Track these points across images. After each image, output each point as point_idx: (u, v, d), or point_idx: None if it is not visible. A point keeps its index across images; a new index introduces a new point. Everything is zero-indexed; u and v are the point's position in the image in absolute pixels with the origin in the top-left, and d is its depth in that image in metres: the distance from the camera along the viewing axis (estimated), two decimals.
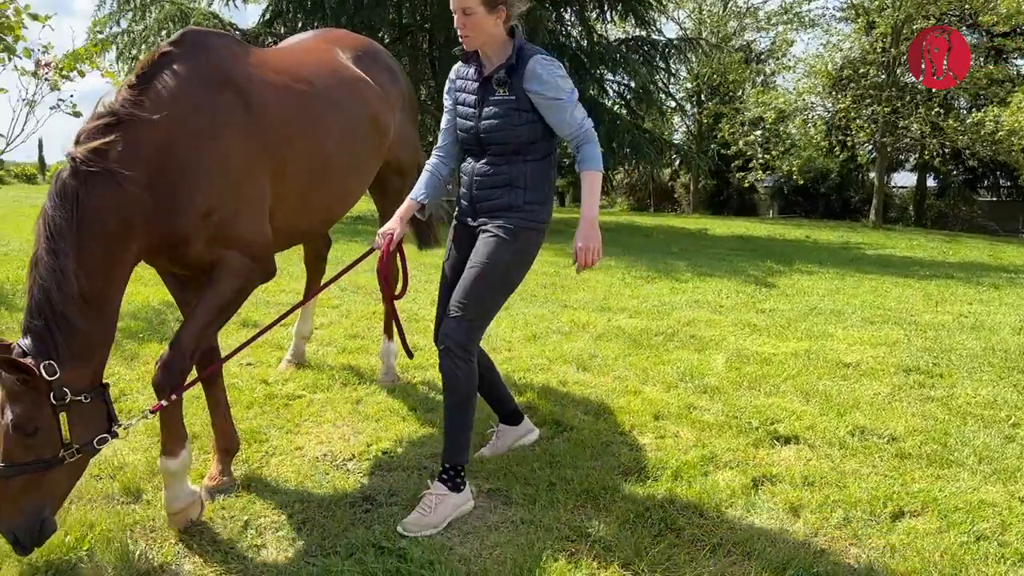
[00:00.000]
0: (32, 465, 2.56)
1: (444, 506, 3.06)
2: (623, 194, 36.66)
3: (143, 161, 2.74)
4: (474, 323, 3.07)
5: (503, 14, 2.95)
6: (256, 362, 5.19)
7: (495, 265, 3.02)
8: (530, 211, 3.08)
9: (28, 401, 2.55)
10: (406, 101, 4.32)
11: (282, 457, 3.74)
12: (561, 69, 3.00)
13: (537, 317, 6.79)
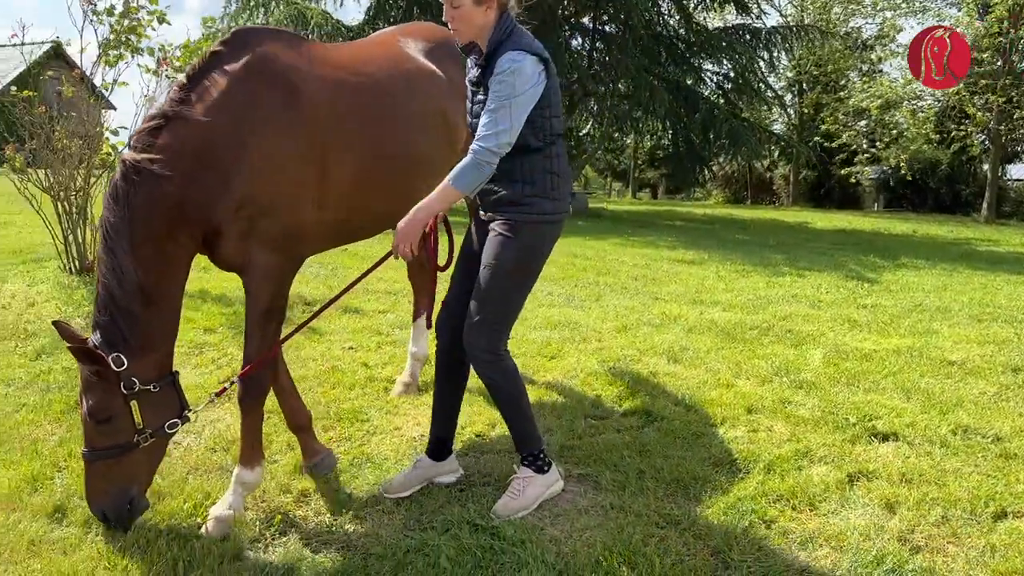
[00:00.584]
0: (111, 450, 2.81)
1: (533, 487, 3.12)
2: (719, 186, 36.00)
3: (187, 157, 2.87)
4: (494, 325, 3.02)
5: (493, 5, 2.85)
6: (357, 346, 5.41)
7: (503, 265, 2.96)
8: (531, 204, 2.96)
9: (100, 391, 2.79)
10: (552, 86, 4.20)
11: (382, 436, 3.91)
12: (515, 67, 2.78)
13: (628, 309, 6.81)
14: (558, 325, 6.07)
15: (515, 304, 3.08)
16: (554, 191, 2.99)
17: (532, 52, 2.83)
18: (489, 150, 2.79)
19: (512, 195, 2.95)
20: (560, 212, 3.04)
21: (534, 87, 2.82)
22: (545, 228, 3.01)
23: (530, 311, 6.54)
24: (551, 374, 4.87)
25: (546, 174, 2.97)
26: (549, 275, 8.35)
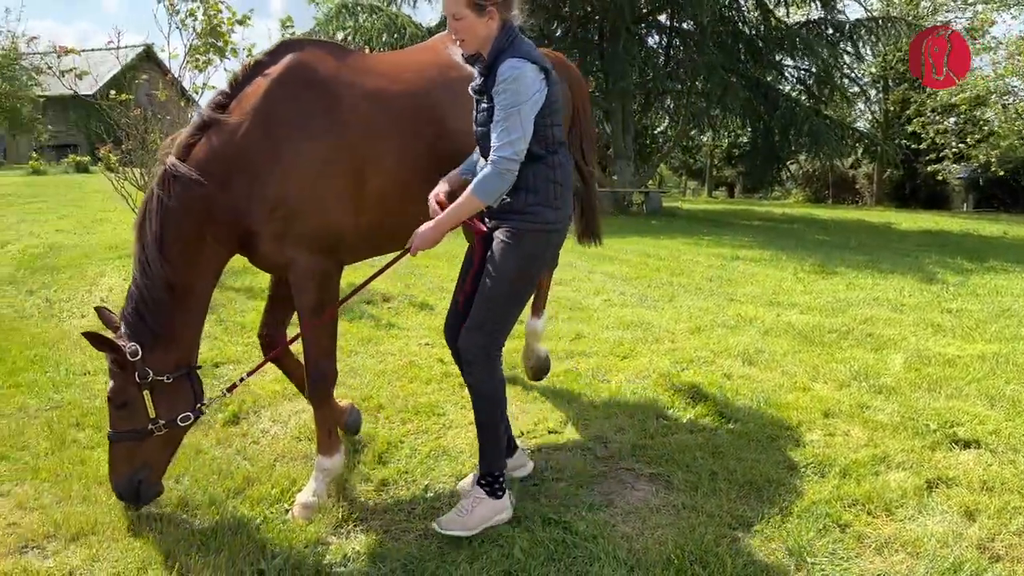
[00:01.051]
0: (127, 434, 3.04)
1: (482, 509, 2.99)
2: (799, 185, 35.19)
3: (222, 162, 3.05)
4: (489, 332, 2.96)
5: (494, 15, 2.83)
6: (432, 343, 5.54)
7: (504, 273, 2.92)
8: (533, 213, 2.91)
9: (119, 378, 3.02)
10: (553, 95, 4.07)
11: (458, 430, 4.01)
12: (516, 73, 2.76)
13: (702, 310, 6.77)
14: (631, 325, 6.09)
15: (514, 310, 3.02)
16: (556, 200, 2.95)
17: (532, 60, 2.81)
18: (507, 159, 2.78)
19: (515, 204, 2.92)
20: (562, 221, 3.00)
21: (538, 92, 2.81)
22: (548, 236, 2.97)
23: (602, 310, 6.58)
24: (623, 373, 4.91)
25: (549, 183, 2.93)
26: (621, 274, 8.36)
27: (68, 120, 31.63)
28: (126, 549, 2.90)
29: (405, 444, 3.83)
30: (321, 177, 3.14)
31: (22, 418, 4.18)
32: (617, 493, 3.36)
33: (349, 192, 3.20)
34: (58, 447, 3.78)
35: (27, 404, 4.37)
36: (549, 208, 2.93)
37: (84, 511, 3.13)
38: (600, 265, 8.97)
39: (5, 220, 11.71)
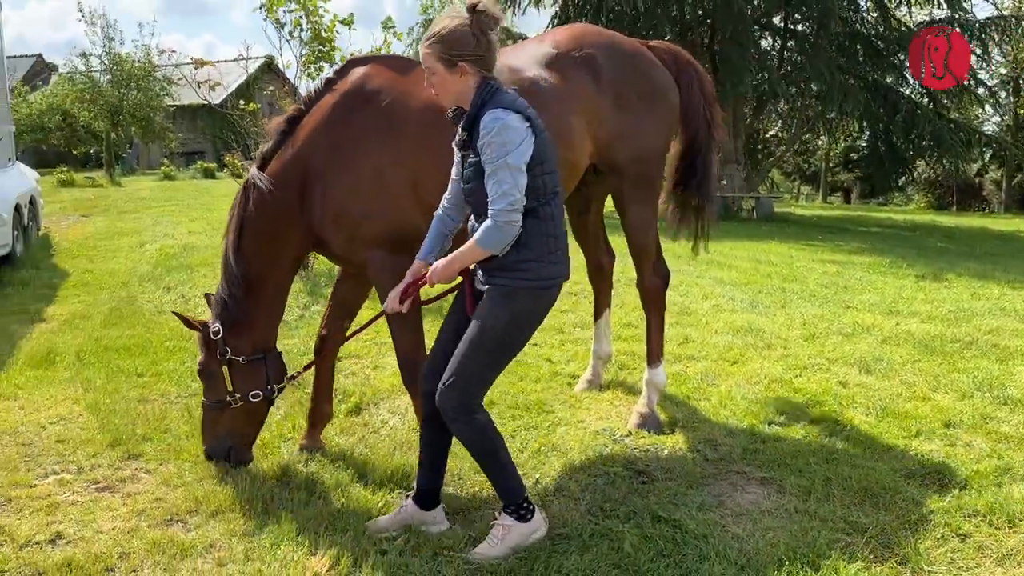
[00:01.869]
0: (213, 404, 3.49)
1: (512, 536, 2.90)
2: (920, 190, 33.63)
3: (294, 172, 3.38)
4: (469, 386, 2.83)
5: (467, 69, 2.74)
6: (540, 343, 5.65)
7: (490, 329, 2.78)
8: (525, 270, 2.76)
9: (204, 353, 3.51)
10: (628, 97, 3.89)
11: (566, 428, 4.10)
12: (499, 125, 2.65)
13: (816, 316, 6.62)
14: (740, 330, 6.03)
15: (497, 367, 2.91)
16: (551, 255, 2.80)
17: (515, 110, 2.71)
18: (504, 211, 2.66)
19: (506, 260, 2.76)
20: (558, 277, 2.84)
21: (524, 142, 2.69)
22: (540, 295, 2.82)
23: (712, 316, 6.54)
24: (733, 379, 4.88)
25: (542, 237, 2.78)
26: (731, 280, 8.26)
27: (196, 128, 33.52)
28: (260, 525, 3.11)
29: (516, 439, 3.94)
30: (379, 188, 3.37)
31: (164, 403, 4.53)
32: (727, 495, 3.37)
33: (409, 198, 3.40)
34: (197, 431, 4.06)
35: (168, 391, 4.73)
36: (543, 264, 2.78)
37: (222, 490, 3.38)
38: (709, 270, 8.89)
39: (142, 222, 12.57)
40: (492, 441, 2.90)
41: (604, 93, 3.82)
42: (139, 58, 27.29)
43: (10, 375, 5.05)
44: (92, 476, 3.61)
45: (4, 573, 2.80)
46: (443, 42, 2.71)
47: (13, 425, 4.19)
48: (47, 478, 3.58)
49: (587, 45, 3.86)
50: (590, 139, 3.81)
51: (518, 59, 3.76)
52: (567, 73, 3.76)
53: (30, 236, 9.61)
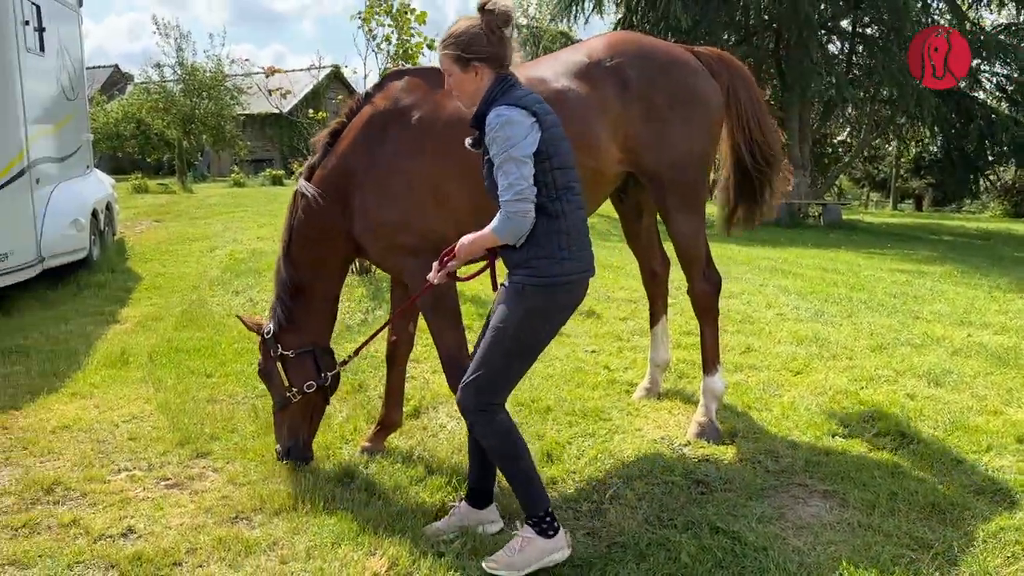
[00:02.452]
0: (279, 404, 3.68)
1: (531, 550, 2.81)
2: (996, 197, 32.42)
3: (336, 182, 3.55)
4: (487, 386, 2.82)
5: (482, 70, 2.79)
6: (599, 350, 5.64)
7: (505, 329, 2.78)
8: (535, 267, 2.75)
9: (263, 353, 3.71)
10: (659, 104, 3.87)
11: (623, 435, 4.08)
12: (501, 120, 2.68)
13: (884, 327, 6.46)
14: (805, 340, 5.92)
15: (515, 369, 2.87)
16: (562, 251, 2.76)
17: (520, 105, 2.72)
18: (512, 203, 2.67)
19: (518, 257, 2.78)
20: (572, 274, 2.79)
21: (529, 135, 2.70)
22: (554, 292, 2.77)
23: (775, 325, 6.43)
24: (796, 389, 4.79)
25: (553, 234, 2.75)
26: (796, 288, 8.11)
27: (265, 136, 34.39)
28: (322, 525, 3.18)
29: (572, 445, 3.95)
30: (410, 198, 3.51)
31: (232, 404, 4.66)
32: (788, 507, 3.32)
33: (439, 207, 3.53)
34: (263, 431, 4.18)
35: (236, 392, 4.87)
36: (553, 261, 2.75)
37: (286, 489, 3.47)
38: (773, 278, 8.74)
39: (212, 228, 12.94)
40: (514, 446, 2.85)
41: (632, 101, 3.82)
42: (210, 68, 28.09)
43: (86, 374, 5.25)
44: (162, 473, 3.74)
45: (80, 564, 2.92)
46: (456, 43, 2.79)
47: (88, 423, 4.36)
48: (120, 474, 3.72)
49: (618, 54, 3.88)
50: (617, 147, 3.83)
51: (549, 69, 3.85)
52: (595, 82, 3.80)
53: (106, 240, 9.98)
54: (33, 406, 4.64)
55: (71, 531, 3.16)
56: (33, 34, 7.76)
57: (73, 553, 2.97)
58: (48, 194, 7.86)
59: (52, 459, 3.89)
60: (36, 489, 3.51)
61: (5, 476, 3.69)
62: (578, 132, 3.67)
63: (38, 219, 7.50)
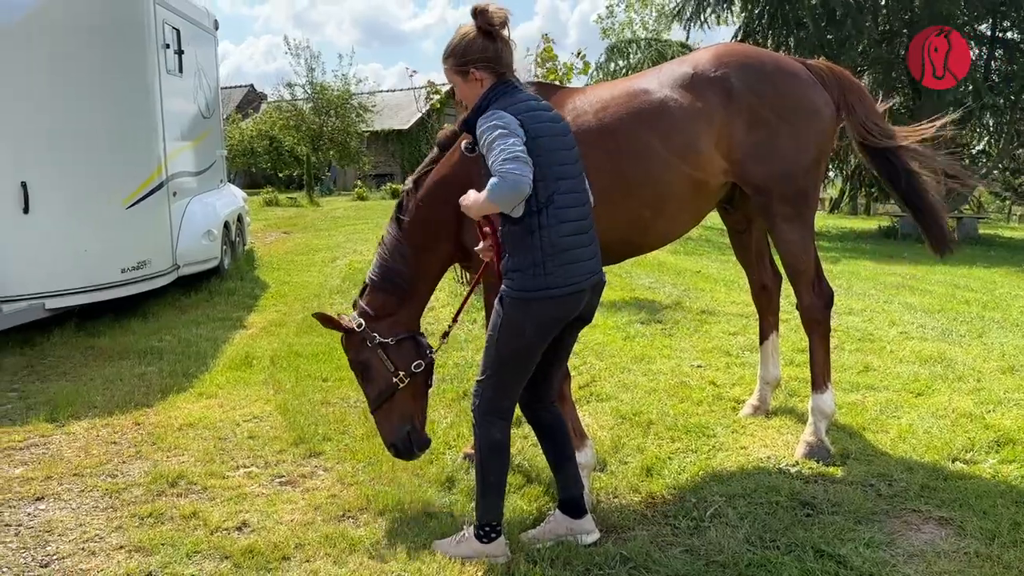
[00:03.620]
0: (382, 394, 3.53)
1: (465, 545, 3.02)
2: None
3: (443, 189, 3.51)
4: (488, 392, 2.91)
5: (480, 75, 2.81)
6: (705, 365, 5.54)
7: (492, 336, 2.86)
8: (512, 279, 2.76)
9: (352, 350, 3.59)
10: (764, 115, 3.81)
11: (727, 453, 4.00)
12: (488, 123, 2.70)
13: (1017, 348, 6.05)
14: (929, 360, 5.62)
15: (507, 378, 2.89)
16: (536, 267, 2.72)
17: (506, 110, 2.72)
18: (500, 162, 2.62)
19: (503, 265, 2.83)
20: (548, 288, 2.73)
21: (515, 128, 2.68)
22: (527, 305, 2.76)
23: (898, 343, 6.14)
24: (916, 411, 4.56)
25: (529, 249, 2.72)
26: (923, 306, 7.71)
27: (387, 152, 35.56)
28: (423, 527, 3.27)
29: (673, 461, 3.90)
30: None
31: (344, 407, 4.85)
32: (900, 533, 3.16)
33: None
34: (372, 434, 4.31)
35: (348, 395, 5.06)
36: (526, 275, 2.73)
37: (391, 491, 3.59)
38: (899, 295, 8.35)
39: (335, 239, 13.48)
40: (495, 462, 2.96)
41: (736, 112, 3.77)
42: (338, 87, 29.33)
43: (213, 375, 5.59)
44: (277, 471, 3.93)
45: (197, 554, 3.11)
46: (453, 54, 2.83)
47: (213, 421, 4.64)
48: (238, 471, 3.94)
49: (723, 64, 3.84)
50: (721, 157, 3.78)
51: (653, 80, 3.86)
52: (699, 93, 3.77)
53: (237, 251, 10.56)
54: (163, 404, 4.98)
55: (191, 522, 3.37)
56: (173, 57, 8.33)
57: (192, 543, 3.17)
58: (184, 206, 8.40)
59: (178, 454, 4.16)
60: (162, 482, 3.76)
61: (135, 469, 3.98)
62: (683, 143, 3.72)
63: (174, 230, 8.02)
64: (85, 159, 6.62)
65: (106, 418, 4.73)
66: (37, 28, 6.35)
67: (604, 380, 5.17)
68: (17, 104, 6.25)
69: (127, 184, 7.06)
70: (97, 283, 6.71)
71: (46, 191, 6.36)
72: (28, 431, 4.52)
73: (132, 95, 7.22)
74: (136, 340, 6.58)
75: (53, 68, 6.43)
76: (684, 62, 3.97)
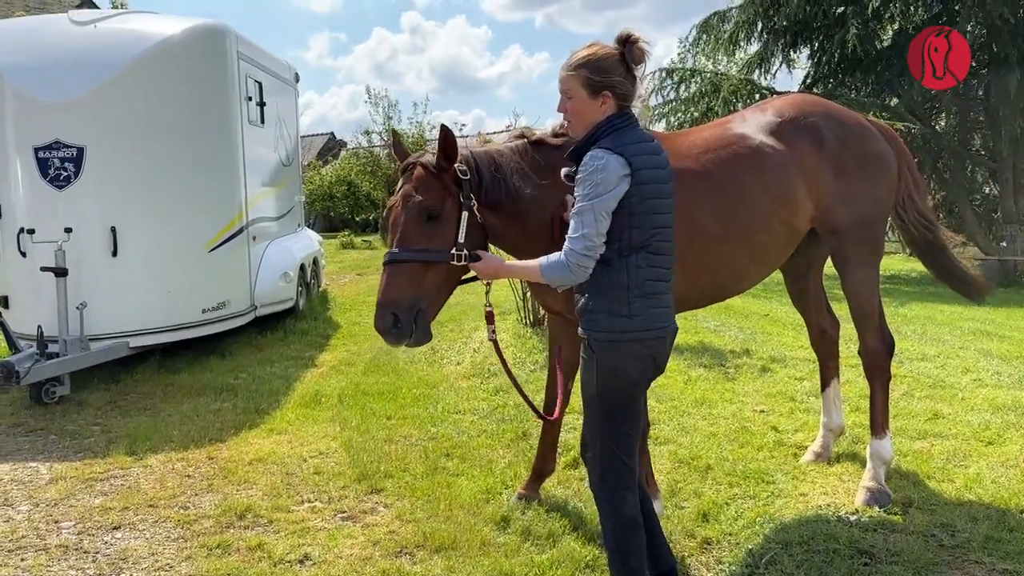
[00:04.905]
0: (424, 253, 3.01)
1: None
2: None
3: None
4: (602, 458, 2.68)
5: (608, 100, 2.63)
6: (768, 410, 5.48)
7: (588, 390, 2.67)
8: (596, 320, 2.62)
9: (437, 188, 3.06)
10: (848, 163, 3.93)
11: (786, 500, 3.96)
12: (597, 164, 2.53)
13: None
14: (1002, 408, 5.44)
15: (621, 435, 2.66)
16: (624, 307, 2.59)
17: (620, 152, 2.55)
18: (577, 252, 2.55)
19: (581, 307, 2.69)
20: (638, 330, 2.60)
21: (615, 189, 2.54)
22: (621, 347, 2.61)
23: (970, 391, 5.96)
24: (985, 460, 4.42)
25: (616, 288, 2.60)
26: (1000, 352, 7.46)
27: None
28: (476, 565, 3.34)
29: (731, 506, 3.88)
30: None
31: (406, 445, 4.98)
32: None
33: None
34: (431, 472, 4.44)
35: (411, 434, 5.19)
36: (613, 316, 2.60)
37: (447, 528, 3.67)
38: (976, 341, 8.08)
39: None
40: (634, 539, 2.68)
41: (826, 159, 3.89)
42: (412, 133, 30.10)
43: (284, 412, 5.80)
44: (339, 506, 4.06)
45: None
46: (590, 67, 2.63)
47: (281, 456, 4.82)
48: (302, 505, 4.09)
49: (810, 114, 3.97)
50: (812, 203, 3.88)
51: (746, 127, 3.92)
52: (791, 140, 3.87)
53: (312, 292, 10.92)
54: (235, 439, 5.20)
55: (256, 554, 3.52)
56: (255, 108, 8.78)
57: (256, 574, 3.31)
58: (263, 250, 8.77)
59: (247, 488, 4.34)
60: (231, 514, 3.94)
61: (207, 501, 4.17)
62: (781, 190, 3.79)
63: (253, 272, 8.38)
64: (171, 206, 7.01)
65: (182, 452, 4.96)
66: (132, 81, 6.80)
67: (663, 423, 5.17)
68: (109, 154, 6.69)
69: (210, 229, 7.43)
70: (179, 323, 7.06)
71: (134, 236, 6.76)
72: (109, 463, 4.78)
73: (216, 145, 7.63)
74: (213, 377, 6.88)
75: (144, 119, 6.87)
76: (765, 110, 4.08)
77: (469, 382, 6.53)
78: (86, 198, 6.61)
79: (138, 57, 6.85)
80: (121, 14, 7.96)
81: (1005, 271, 15.63)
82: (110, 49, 6.96)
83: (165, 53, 7.04)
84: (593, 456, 2.72)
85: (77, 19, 7.36)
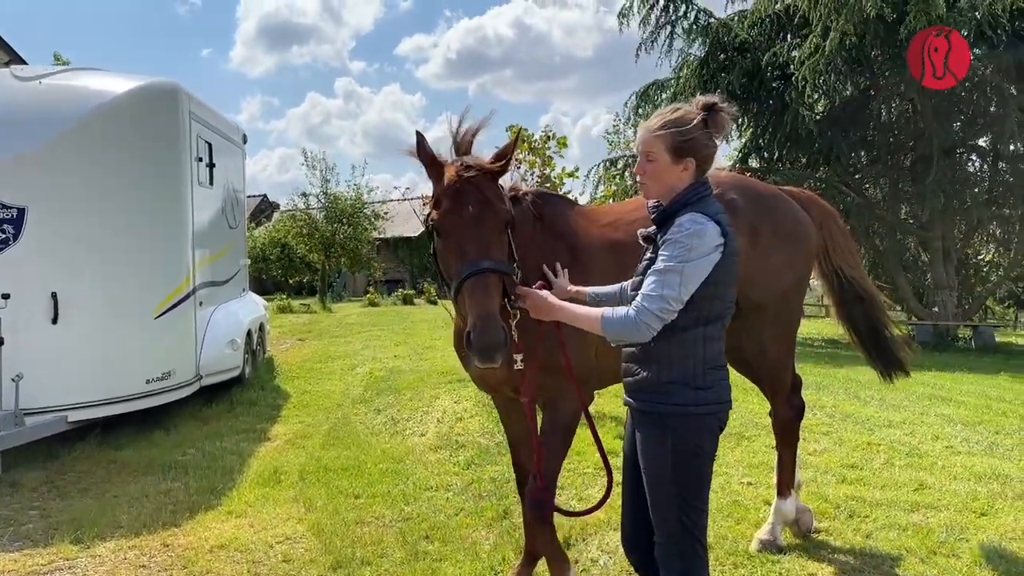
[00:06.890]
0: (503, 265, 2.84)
1: None
2: None
3: None
4: (681, 544, 2.53)
5: (690, 166, 2.56)
6: (755, 482, 5.33)
7: (661, 472, 2.52)
8: (668, 393, 2.50)
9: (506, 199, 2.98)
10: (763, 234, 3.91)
11: None
12: (696, 228, 2.44)
13: None
14: (983, 477, 5.42)
15: (692, 513, 2.52)
16: (699, 379, 2.50)
17: (717, 221, 2.49)
18: (652, 312, 2.42)
19: (647, 380, 2.55)
20: (710, 403, 2.50)
21: (708, 256, 2.45)
22: (700, 420, 2.50)
23: (945, 458, 5.95)
24: (983, 533, 4.34)
25: (690, 360, 2.50)
26: (960, 417, 7.53)
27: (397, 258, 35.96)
28: None
29: None
30: None
31: (379, 527, 4.64)
32: None
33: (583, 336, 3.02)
34: (411, 558, 4.13)
35: (383, 514, 4.85)
36: (689, 388, 2.49)
37: None
38: (933, 406, 8.16)
39: (352, 346, 13.39)
40: None
41: (741, 231, 3.67)
42: (350, 196, 29.84)
43: (241, 492, 5.39)
44: None
45: None
46: (678, 131, 2.55)
47: (244, 543, 4.43)
48: None
49: (724, 187, 3.81)
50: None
51: None
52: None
53: (258, 359, 10.47)
54: (192, 523, 4.77)
55: None
56: (205, 169, 8.47)
57: None
58: (208, 315, 8.36)
59: None
60: None
61: None
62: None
63: (199, 339, 7.95)
64: (117, 269, 6.63)
65: (133, 539, 4.52)
66: (79, 140, 6.46)
67: None
68: (52, 215, 6.29)
69: (158, 294, 7.04)
70: (122, 395, 6.60)
71: (77, 301, 6.33)
72: (52, 553, 4.32)
73: (166, 207, 7.30)
74: (160, 453, 6.41)
75: (91, 179, 6.52)
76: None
77: (437, 455, 6.22)
78: (26, 262, 6.18)
79: (88, 115, 6.54)
80: (67, 70, 7.65)
81: (939, 335, 16.12)
82: (57, 106, 6.63)
83: (116, 111, 6.74)
84: (669, 543, 2.53)
85: (20, 75, 7.02)
